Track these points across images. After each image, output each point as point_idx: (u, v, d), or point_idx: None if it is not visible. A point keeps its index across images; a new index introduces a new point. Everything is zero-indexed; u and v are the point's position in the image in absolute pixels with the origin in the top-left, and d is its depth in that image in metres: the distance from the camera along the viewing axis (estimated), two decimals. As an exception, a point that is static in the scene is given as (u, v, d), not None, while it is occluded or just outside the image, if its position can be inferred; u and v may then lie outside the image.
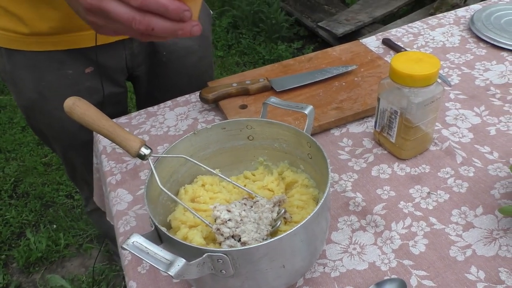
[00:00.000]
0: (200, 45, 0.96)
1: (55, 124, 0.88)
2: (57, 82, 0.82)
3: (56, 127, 0.89)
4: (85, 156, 0.92)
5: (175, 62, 0.94)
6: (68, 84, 0.82)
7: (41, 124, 0.90)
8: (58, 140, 0.93)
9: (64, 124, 0.87)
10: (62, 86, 0.82)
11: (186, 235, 0.52)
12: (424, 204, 0.61)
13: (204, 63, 0.99)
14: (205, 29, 0.96)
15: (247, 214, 0.51)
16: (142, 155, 0.51)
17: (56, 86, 0.82)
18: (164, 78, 0.95)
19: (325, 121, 0.73)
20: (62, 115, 0.85)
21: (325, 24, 2.52)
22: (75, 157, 0.97)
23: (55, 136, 0.92)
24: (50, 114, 0.86)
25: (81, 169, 0.99)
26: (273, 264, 0.45)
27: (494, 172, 0.64)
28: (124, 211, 0.65)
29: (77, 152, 0.94)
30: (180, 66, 0.95)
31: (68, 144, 0.93)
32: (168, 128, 0.79)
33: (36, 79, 0.81)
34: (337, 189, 0.64)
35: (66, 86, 0.83)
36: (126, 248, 0.42)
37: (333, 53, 0.90)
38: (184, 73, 0.95)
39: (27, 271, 1.55)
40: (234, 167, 0.62)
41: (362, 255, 0.56)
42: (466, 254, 0.54)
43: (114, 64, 0.86)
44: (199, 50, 0.96)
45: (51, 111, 0.85)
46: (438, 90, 0.62)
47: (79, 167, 0.99)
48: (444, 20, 1.00)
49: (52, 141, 0.94)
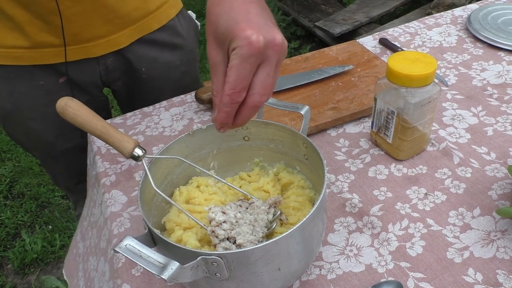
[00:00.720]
0: (183, 60, 0.93)
1: (32, 134, 0.87)
2: (30, 92, 0.81)
3: (32, 137, 0.88)
4: (65, 165, 0.91)
5: (156, 78, 0.90)
6: (41, 94, 0.81)
7: (18, 134, 0.89)
8: (36, 150, 0.92)
9: (40, 134, 0.86)
10: (35, 96, 0.81)
11: (180, 237, 0.51)
12: (421, 205, 0.60)
13: (188, 78, 0.95)
14: (189, 43, 0.93)
15: (243, 215, 0.50)
16: (136, 156, 0.51)
17: (29, 96, 0.81)
18: (146, 93, 0.91)
19: (321, 121, 0.72)
20: (37, 125, 0.85)
21: (322, 24, 2.52)
22: (54, 165, 0.96)
23: (33, 145, 0.91)
24: (25, 124, 0.85)
25: (62, 176, 0.99)
26: (268, 267, 0.44)
27: (492, 173, 0.64)
28: (119, 213, 0.65)
29: (56, 161, 0.93)
30: (161, 82, 0.91)
31: (46, 153, 0.92)
32: (164, 128, 0.78)
33: (9, 90, 0.80)
34: (333, 190, 0.64)
35: (39, 96, 0.81)
36: (119, 251, 0.41)
37: (330, 53, 0.89)
38: (167, 88, 0.92)
39: (22, 273, 1.54)
40: (229, 168, 0.62)
41: (358, 257, 0.55)
42: (464, 256, 0.54)
43: (86, 79, 0.85)
44: (181, 65, 0.93)
45: (26, 122, 0.84)
46: (435, 90, 0.61)
47: (59, 175, 0.99)
48: (441, 19, 0.99)
49: (31, 150, 0.93)
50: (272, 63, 0.43)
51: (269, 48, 0.42)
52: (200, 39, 2.85)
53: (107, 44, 0.81)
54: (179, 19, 0.91)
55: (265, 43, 0.41)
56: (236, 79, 0.42)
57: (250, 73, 0.42)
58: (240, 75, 0.42)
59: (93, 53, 0.81)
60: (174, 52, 0.91)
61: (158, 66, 0.89)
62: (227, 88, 0.43)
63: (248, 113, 0.45)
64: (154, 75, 0.90)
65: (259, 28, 0.41)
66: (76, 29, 0.76)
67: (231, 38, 0.42)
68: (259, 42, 0.41)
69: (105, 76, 0.86)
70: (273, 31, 0.42)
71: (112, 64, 0.85)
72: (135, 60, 0.87)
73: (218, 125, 0.46)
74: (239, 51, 0.41)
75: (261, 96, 0.44)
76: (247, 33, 0.41)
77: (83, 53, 0.80)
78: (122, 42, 0.83)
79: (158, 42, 0.88)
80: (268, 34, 0.42)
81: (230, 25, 0.42)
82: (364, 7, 2.60)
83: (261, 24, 0.42)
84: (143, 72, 0.89)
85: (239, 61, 0.41)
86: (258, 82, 0.43)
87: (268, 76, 0.43)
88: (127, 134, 0.76)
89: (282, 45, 0.43)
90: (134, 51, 0.86)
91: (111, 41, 0.81)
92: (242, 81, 0.42)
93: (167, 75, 0.91)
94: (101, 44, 0.81)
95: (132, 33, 0.83)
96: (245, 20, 0.42)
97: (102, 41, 0.80)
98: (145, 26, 0.85)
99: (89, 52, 0.80)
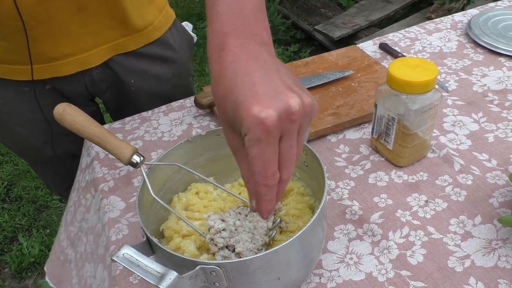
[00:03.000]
0: (174, 73, 0.89)
1: (19, 139, 0.85)
2: (15, 98, 0.79)
3: (20, 143, 0.86)
4: (54, 171, 0.90)
5: (146, 91, 0.87)
6: (26, 100, 0.79)
7: (6, 140, 0.88)
8: (25, 155, 0.91)
9: (28, 140, 0.85)
10: (20, 102, 0.79)
11: (179, 245, 0.51)
12: (422, 213, 0.60)
13: (179, 91, 0.91)
14: (181, 56, 0.90)
15: (242, 223, 0.50)
16: (134, 163, 0.50)
17: (15, 102, 0.79)
18: (137, 104, 0.88)
19: (321, 127, 0.72)
20: (24, 131, 0.83)
21: (322, 28, 2.52)
22: (44, 171, 0.95)
23: (21, 151, 0.90)
24: (11, 130, 0.83)
25: (52, 182, 0.98)
26: (268, 276, 0.44)
27: (493, 180, 0.63)
28: (117, 219, 0.64)
29: (45, 166, 0.92)
30: (151, 95, 0.88)
31: (35, 159, 0.91)
32: (163, 133, 0.77)
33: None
34: (333, 197, 0.63)
35: (25, 102, 0.79)
36: (116, 260, 0.40)
37: (330, 58, 0.89)
38: (158, 100, 0.86)
39: (19, 277, 1.53)
40: (229, 174, 0.61)
41: (358, 265, 0.55)
42: (465, 264, 0.53)
43: (72, 89, 0.82)
44: (172, 78, 0.89)
45: (13, 127, 0.83)
46: (436, 97, 0.61)
47: (49, 181, 0.98)
48: (441, 25, 0.99)
49: (21, 155, 0.93)
50: (293, 134, 0.37)
51: (285, 120, 0.35)
52: (199, 42, 2.83)
53: (77, 62, 0.78)
54: (171, 32, 0.87)
55: (278, 116, 0.35)
56: (263, 166, 0.36)
57: (275, 152, 0.37)
58: (265, 161, 0.36)
59: (62, 71, 0.78)
60: (164, 65, 0.87)
61: (147, 78, 0.86)
62: (258, 179, 0.37)
63: (284, 187, 0.40)
64: (144, 87, 0.87)
65: (268, 100, 0.35)
66: (43, 48, 0.73)
67: (239, 122, 0.36)
68: (270, 117, 0.34)
69: (92, 87, 0.84)
70: (285, 96, 0.35)
71: (98, 76, 0.82)
72: (122, 72, 0.83)
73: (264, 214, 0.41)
74: (252, 136, 0.35)
75: (290, 169, 0.39)
76: (254, 112, 0.34)
77: (51, 72, 0.77)
78: (93, 60, 0.79)
79: (147, 55, 0.84)
80: (279, 104, 0.35)
81: (236, 108, 0.36)
82: (364, 10, 2.60)
83: (270, 93, 0.35)
84: (132, 84, 0.85)
85: (256, 147, 0.35)
86: (284, 158, 0.37)
87: (292, 148, 0.37)
88: (125, 140, 0.76)
89: (301, 110, 0.36)
90: (121, 63, 0.83)
91: (81, 60, 0.78)
92: (270, 166, 0.37)
93: (157, 88, 0.88)
94: (71, 63, 0.77)
95: (106, 51, 0.80)
96: (250, 96, 0.35)
97: (71, 60, 0.77)
98: (126, 44, 0.81)
99: (57, 71, 0.77)
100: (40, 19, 0.69)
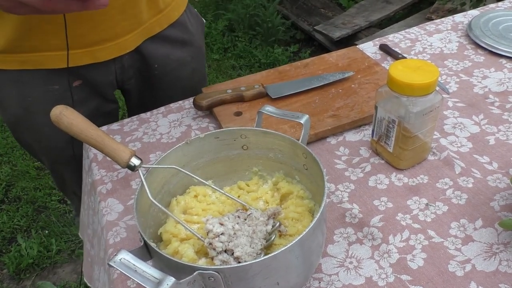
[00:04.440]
0: (193, 57, 0.93)
1: (42, 139, 0.85)
2: (43, 97, 0.79)
3: (43, 142, 0.86)
4: (73, 170, 0.89)
5: (168, 75, 0.91)
6: (54, 99, 0.79)
7: (28, 139, 0.88)
8: (46, 155, 0.91)
9: (51, 139, 0.85)
10: (48, 101, 0.79)
11: (177, 249, 0.50)
12: (422, 216, 0.59)
13: (197, 75, 0.96)
14: (197, 39, 0.93)
15: (241, 227, 0.49)
16: (132, 166, 0.50)
17: (42, 101, 0.79)
18: (157, 91, 0.91)
19: (321, 129, 0.71)
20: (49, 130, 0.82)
21: (322, 28, 2.52)
22: (63, 171, 0.95)
23: (43, 151, 0.90)
24: (36, 129, 0.83)
25: (70, 182, 0.97)
26: (267, 281, 0.43)
27: (494, 183, 0.63)
28: (115, 222, 0.63)
29: (65, 166, 0.92)
30: (173, 79, 0.92)
31: (56, 159, 0.91)
32: (161, 135, 0.77)
33: (21, 95, 0.79)
34: (333, 200, 0.63)
35: (53, 101, 0.78)
36: (113, 266, 0.40)
37: (330, 59, 0.88)
38: (178, 86, 0.92)
39: (18, 278, 1.52)
40: (227, 177, 0.61)
41: (358, 269, 0.54)
42: (466, 269, 0.53)
43: (103, 79, 0.83)
44: (192, 61, 0.93)
45: (38, 127, 0.83)
46: (437, 99, 0.60)
47: (68, 180, 0.97)
48: (441, 26, 0.98)
49: (40, 155, 0.92)
50: None
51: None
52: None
53: (114, 48, 0.80)
54: (187, 16, 0.91)
55: None
56: None
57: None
58: None
59: (98, 57, 0.79)
60: (184, 48, 0.91)
61: (170, 63, 0.89)
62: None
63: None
64: (166, 72, 0.90)
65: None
66: (82, 31, 0.74)
67: None
68: None
69: (121, 75, 0.86)
70: None
71: (128, 62, 0.85)
72: (149, 57, 0.86)
73: None
74: None
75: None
76: None
77: (87, 58, 0.78)
78: (128, 45, 0.82)
79: (169, 39, 0.88)
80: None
81: None
82: (364, 11, 2.60)
83: None
84: (156, 69, 0.88)
85: None
86: None
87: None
88: (123, 142, 0.75)
89: None
90: (148, 48, 0.85)
91: (118, 45, 0.80)
92: None
93: (178, 72, 0.91)
94: (107, 48, 0.79)
95: (139, 36, 0.83)
96: None
97: (108, 45, 0.79)
98: (153, 26, 0.84)
99: (93, 56, 0.79)
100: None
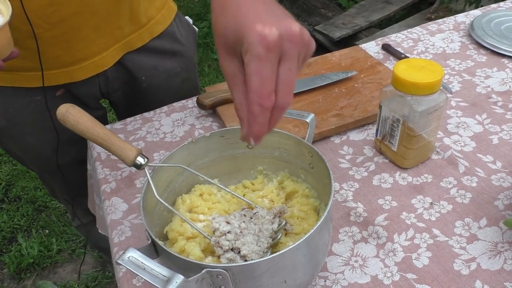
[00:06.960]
0: (183, 67, 0.90)
1: (27, 149, 0.85)
2: (26, 108, 0.78)
3: (29, 152, 0.86)
4: (62, 178, 0.89)
5: (156, 87, 0.88)
6: (37, 109, 0.78)
7: (14, 149, 0.87)
8: (33, 164, 0.90)
9: (37, 149, 0.84)
10: (31, 112, 0.79)
11: (183, 247, 0.50)
12: (427, 215, 0.59)
13: (188, 85, 0.93)
14: (187, 49, 0.91)
15: (247, 225, 0.49)
16: (138, 164, 0.50)
17: (25, 112, 0.79)
18: (146, 103, 0.88)
19: (325, 128, 0.71)
20: (34, 140, 0.82)
21: (322, 28, 2.51)
22: (52, 179, 0.94)
23: (29, 160, 0.89)
24: (21, 139, 0.83)
25: (59, 190, 0.97)
26: (274, 279, 0.43)
27: (498, 182, 0.63)
28: (119, 221, 0.63)
29: (53, 175, 0.91)
30: (162, 90, 0.89)
31: (44, 168, 0.90)
32: (165, 134, 0.77)
33: (3, 107, 0.78)
34: (338, 198, 0.63)
35: (36, 111, 0.79)
36: (121, 264, 0.40)
37: (333, 59, 0.88)
38: (168, 96, 0.88)
39: (18, 277, 1.52)
40: (233, 176, 0.61)
41: (364, 268, 0.54)
42: (471, 267, 0.53)
43: (86, 91, 0.82)
44: (181, 72, 0.90)
45: (23, 137, 0.82)
46: (441, 99, 0.60)
47: (57, 188, 0.97)
48: (443, 25, 0.99)
49: (27, 164, 0.92)
50: (293, 57, 0.37)
51: (286, 40, 0.36)
52: (199, 42, 2.83)
53: (90, 67, 0.78)
54: (177, 25, 0.88)
55: (279, 34, 0.36)
56: (260, 84, 0.36)
57: (273, 72, 0.37)
58: (263, 77, 0.36)
59: (74, 77, 0.77)
60: (173, 59, 0.88)
61: (158, 74, 0.87)
62: (253, 97, 0.37)
63: (279, 116, 0.39)
64: (154, 83, 0.88)
65: (271, 21, 0.36)
66: (56, 53, 0.73)
67: (241, 40, 0.37)
68: (272, 34, 0.35)
69: (105, 87, 0.84)
70: (287, 21, 0.37)
71: (112, 75, 0.83)
72: (134, 69, 0.84)
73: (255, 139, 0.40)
74: (253, 51, 0.36)
75: (289, 96, 0.38)
76: (257, 28, 0.36)
77: (63, 78, 0.77)
78: (106, 62, 0.79)
79: (157, 50, 0.85)
80: (282, 25, 0.36)
81: (238, 29, 0.37)
82: (364, 11, 2.60)
83: (273, 18, 0.37)
84: (143, 81, 0.86)
85: (256, 62, 0.36)
86: (282, 81, 0.37)
87: (290, 72, 0.37)
88: (128, 141, 0.75)
89: (301, 35, 0.37)
90: (133, 61, 0.83)
91: (94, 63, 0.78)
92: (267, 84, 0.37)
93: (167, 83, 0.89)
94: (84, 68, 0.77)
95: (118, 51, 0.80)
96: (253, 19, 0.37)
97: (84, 64, 0.77)
98: (134, 41, 0.81)
99: (70, 76, 0.77)
100: (52, 21, 0.68)
